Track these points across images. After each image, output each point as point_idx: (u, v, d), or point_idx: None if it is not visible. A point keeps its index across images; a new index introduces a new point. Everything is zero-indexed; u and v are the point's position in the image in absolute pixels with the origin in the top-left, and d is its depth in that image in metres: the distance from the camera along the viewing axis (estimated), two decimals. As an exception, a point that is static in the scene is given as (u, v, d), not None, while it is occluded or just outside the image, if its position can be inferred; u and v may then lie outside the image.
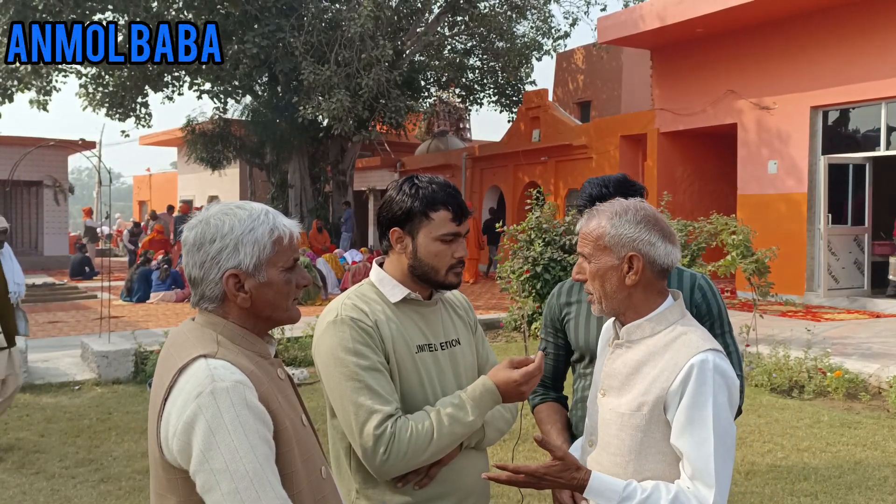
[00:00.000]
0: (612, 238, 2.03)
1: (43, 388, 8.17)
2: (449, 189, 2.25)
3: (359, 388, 2.07)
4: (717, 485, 1.89)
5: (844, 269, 13.87)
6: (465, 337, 2.39)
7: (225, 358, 1.69)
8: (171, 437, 1.63)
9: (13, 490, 5.33)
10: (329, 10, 20.33)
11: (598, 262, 2.05)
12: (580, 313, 2.89)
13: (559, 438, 2.79)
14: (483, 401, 2.13)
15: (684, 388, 1.93)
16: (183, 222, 19.30)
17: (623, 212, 2.05)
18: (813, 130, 14.07)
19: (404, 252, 2.24)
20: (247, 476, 1.58)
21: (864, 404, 7.44)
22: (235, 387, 1.63)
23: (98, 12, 18.89)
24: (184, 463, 1.63)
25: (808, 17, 13.82)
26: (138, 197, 42.87)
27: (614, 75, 23.87)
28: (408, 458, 2.06)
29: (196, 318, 1.83)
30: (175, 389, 1.66)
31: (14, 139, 22.75)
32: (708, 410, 1.91)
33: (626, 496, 1.94)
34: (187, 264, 1.79)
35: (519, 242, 10.92)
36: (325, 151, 23.46)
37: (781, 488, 5.30)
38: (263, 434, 1.64)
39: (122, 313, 13.65)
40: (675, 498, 1.92)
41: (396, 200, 2.23)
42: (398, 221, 2.23)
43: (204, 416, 1.59)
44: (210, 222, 1.77)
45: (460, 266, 2.26)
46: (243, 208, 1.80)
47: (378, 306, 2.22)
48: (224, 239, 1.75)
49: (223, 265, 1.75)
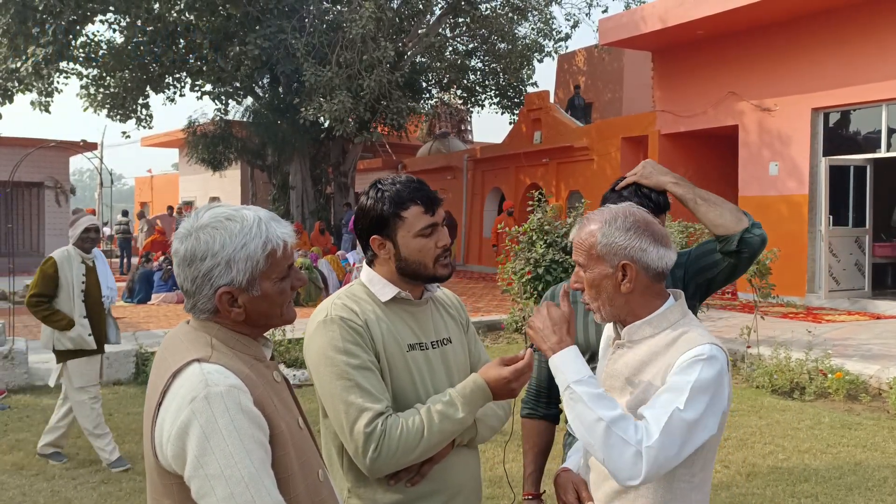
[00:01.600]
0: (604, 247, 2.02)
1: (43, 389, 8.15)
2: (413, 184, 2.25)
3: (349, 386, 2.07)
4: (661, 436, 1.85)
5: (845, 271, 13.86)
6: (456, 336, 2.39)
7: (219, 362, 1.67)
8: (165, 442, 1.62)
9: (13, 491, 5.33)
10: (330, 12, 20.35)
11: (593, 272, 2.05)
12: (577, 314, 2.89)
13: (531, 466, 2.84)
14: (473, 398, 2.12)
15: None
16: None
17: (612, 219, 2.04)
18: (814, 132, 14.06)
19: (389, 256, 2.25)
20: (242, 481, 1.56)
21: (865, 406, 7.44)
22: (230, 391, 1.62)
23: (99, 13, 18.92)
24: (178, 468, 1.61)
25: (809, 19, 13.81)
26: (140, 198, 42.90)
27: (616, 77, 23.88)
28: (398, 456, 2.05)
29: (190, 321, 1.82)
30: (169, 394, 1.64)
31: (15, 140, 22.72)
32: (687, 386, 1.89)
33: (586, 382, 1.94)
34: (178, 276, 1.75)
35: (520, 244, 10.91)
36: (327, 153, 23.47)
37: (782, 490, 5.30)
38: (259, 438, 1.63)
39: (124, 314, 13.65)
40: (625, 417, 1.89)
41: (367, 209, 2.24)
42: (375, 229, 2.24)
43: (198, 422, 1.58)
44: (200, 238, 1.71)
45: (446, 256, 2.26)
46: (234, 220, 1.73)
47: (368, 306, 2.23)
48: (215, 257, 1.70)
49: (215, 282, 1.71)
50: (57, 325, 5.78)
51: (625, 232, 2.02)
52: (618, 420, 1.88)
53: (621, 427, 1.87)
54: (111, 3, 18.23)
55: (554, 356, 2.00)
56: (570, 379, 1.94)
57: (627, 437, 1.86)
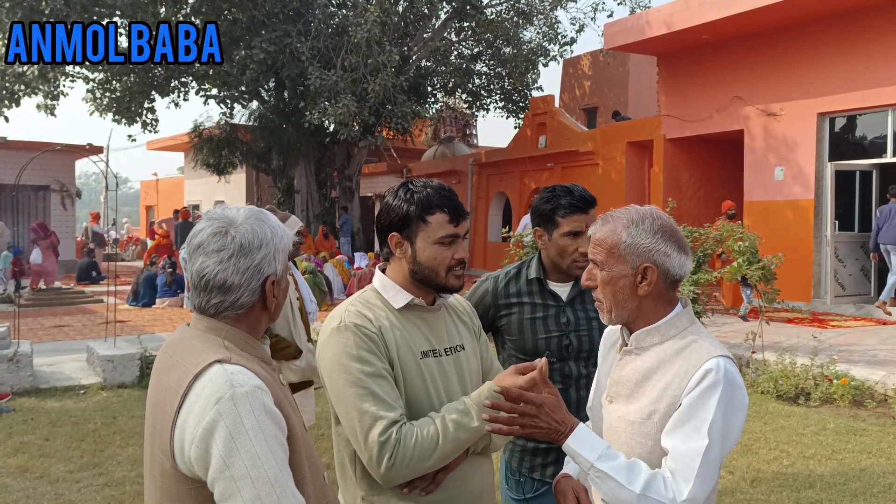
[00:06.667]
0: (628, 247, 1.98)
1: (48, 392, 8.18)
2: (444, 191, 2.24)
3: (363, 394, 2.06)
4: (696, 483, 1.84)
5: (851, 276, 13.83)
6: (469, 343, 2.38)
7: (239, 363, 1.68)
8: (187, 445, 1.61)
9: (17, 494, 5.33)
10: (336, 16, 20.38)
11: (611, 271, 2.01)
12: (581, 316, 2.92)
13: None
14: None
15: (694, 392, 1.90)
16: (185, 228, 19.36)
17: (640, 220, 2.00)
18: (820, 137, 14.04)
19: (404, 257, 2.23)
20: (268, 482, 1.57)
21: (870, 411, 7.41)
22: (254, 392, 1.62)
23: (105, 17, 18.96)
24: (201, 471, 1.61)
25: (814, 24, 13.79)
26: (145, 202, 43.01)
27: (621, 81, 23.88)
28: (413, 465, 2.04)
29: (194, 324, 1.81)
30: (190, 396, 1.64)
31: (21, 143, 22.81)
32: (707, 413, 1.86)
33: (606, 455, 1.91)
34: (224, 270, 1.73)
35: (524, 248, 10.90)
36: (332, 157, 23.50)
37: (787, 496, 5.28)
38: (280, 439, 1.65)
39: (129, 318, 13.67)
40: (653, 477, 1.87)
41: (393, 206, 2.23)
42: (396, 227, 2.22)
43: (224, 422, 1.58)
44: (254, 229, 1.77)
45: (461, 268, 2.25)
46: (267, 214, 1.83)
47: (382, 312, 2.21)
48: (267, 246, 1.77)
49: (265, 272, 1.77)
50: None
51: (652, 234, 1.98)
52: (649, 484, 1.86)
53: (654, 490, 1.85)
54: (117, 7, 18.27)
55: (567, 441, 1.95)
56: (592, 458, 1.91)
57: (661, 497, 1.85)
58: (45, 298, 16.56)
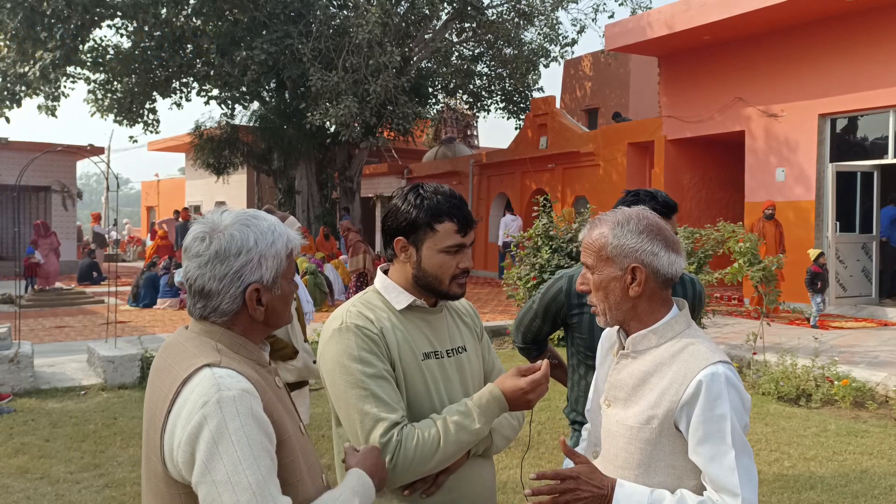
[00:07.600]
0: (615, 249, 1.99)
1: (49, 392, 8.18)
2: (454, 200, 2.21)
3: (364, 395, 2.05)
4: (744, 492, 1.86)
5: (852, 277, 13.82)
6: (471, 344, 2.37)
7: (229, 366, 1.66)
8: (175, 448, 1.60)
9: (17, 495, 5.33)
10: (337, 17, 20.39)
11: (601, 274, 2.02)
12: (584, 317, 2.94)
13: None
14: (489, 408, 2.11)
15: (696, 400, 1.89)
16: (185, 229, 19.38)
17: (625, 221, 2.01)
18: (821, 138, 14.03)
19: (408, 261, 2.22)
20: (249, 488, 1.54)
21: (871, 413, 7.40)
22: (242, 396, 1.61)
23: (107, 18, 18.98)
24: (187, 475, 1.60)
25: (816, 25, 13.80)
26: (146, 202, 43.03)
27: (622, 82, 23.87)
28: (414, 466, 2.04)
29: (191, 326, 1.80)
30: (179, 400, 1.63)
31: (22, 144, 22.83)
32: (725, 424, 1.88)
33: (654, 500, 1.90)
34: (202, 276, 1.73)
35: (526, 249, 10.91)
36: (333, 158, 23.50)
37: (788, 497, 5.27)
38: (266, 446, 1.62)
39: (129, 318, 13.67)
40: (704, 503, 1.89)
41: (401, 210, 2.20)
42: (402, 231, 2.20)
43: (208, 426, 1.56)
44: (234, 235, 1.73)
45: (464, 277, 2.23)
46: (259, 219, 1.77)
47: (384, 314, 2.20)
48: (249, 253, 1.72)
49: (246, 279, 1.73)
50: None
51: (637, 235, 1.99)
52: None
53: None
54: (119, 8, 18.29)
55: (616, 493, 1.94)
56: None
57: None
58: (46, 299, 16.56)
